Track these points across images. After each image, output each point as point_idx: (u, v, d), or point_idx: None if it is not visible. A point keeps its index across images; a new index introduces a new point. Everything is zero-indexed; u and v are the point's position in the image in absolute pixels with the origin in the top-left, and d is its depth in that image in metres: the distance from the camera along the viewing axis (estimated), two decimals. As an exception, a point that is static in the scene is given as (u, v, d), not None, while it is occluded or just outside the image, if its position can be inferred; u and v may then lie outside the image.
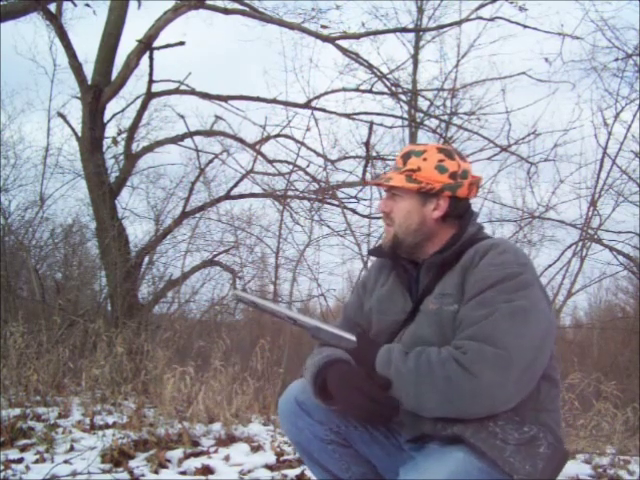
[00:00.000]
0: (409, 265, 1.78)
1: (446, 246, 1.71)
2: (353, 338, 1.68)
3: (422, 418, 1.56)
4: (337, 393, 1.60)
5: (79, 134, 7.68)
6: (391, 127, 8.57)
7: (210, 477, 3.01)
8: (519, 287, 1.55)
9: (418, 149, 1.76)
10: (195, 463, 3.15)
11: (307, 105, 7.87)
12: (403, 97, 8.54)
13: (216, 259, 8.62)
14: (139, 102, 7.95)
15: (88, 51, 9.75)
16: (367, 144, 7.70)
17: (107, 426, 3.96)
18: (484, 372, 1.45)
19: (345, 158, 8.48)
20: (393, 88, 8.29)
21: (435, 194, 1.71)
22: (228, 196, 8.21)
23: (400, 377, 1.53)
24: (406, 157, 1.74)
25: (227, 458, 3.28)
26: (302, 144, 7.90)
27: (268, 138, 8.03)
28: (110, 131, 7.94)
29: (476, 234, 1.72)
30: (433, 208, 1.72)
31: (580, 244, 7.15)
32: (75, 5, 7.64)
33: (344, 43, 7.92)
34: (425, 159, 1.72)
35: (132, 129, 8.03)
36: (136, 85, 9.87)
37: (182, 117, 7.74)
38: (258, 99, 7.84)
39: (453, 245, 1.69)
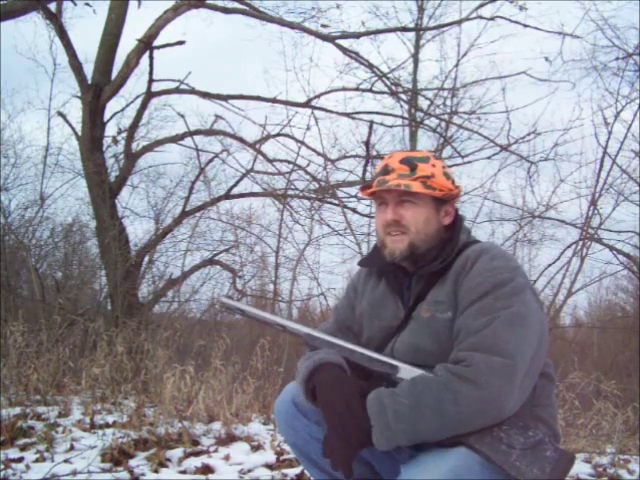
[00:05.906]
0: (399, 272, 1.76)
1: (439, 254, 1.69)
2: (347, 345, 1.66)
3: None
4: (320, 395, 1.58)
5: (79, 133, 7.67)
6: (391, 126, 8.59)
7: (210, 476, 3.01)
8: (514, 292, 1.55)
9: (419, 155, 1.73)
10: (195, 462, 3.15)
11: (307, 104, 7.86)
12: (403, 96, 8.53)
13: (216, 258, 8.60)
14: (139, 101, 7.93)
15: (88, 50, 9.68)
16: (367, 143, 7.71)
17: (107, 425, 3.96)
18: (492, 382, 1.44)
19: (345, 157, 8.48)
20: (393, 87, 8.28)
21: (446, 200, 1.72)
22: (228, 195, 8.19)
23: (402, 419, 1.46)
24: (409, 163, 1.70)
25: (227, 457, 3.28)
26: (302, 143, 7.90)
27: (268, 137, 8.01)
28: (110, 130, 7.93)
29: (466, 239, 1.72)
30: (444, 214, 1.73)
31: (580, 243, 7.16)
32: (75, 4, 7.63)
33: (344, 42, 7.91)
34: (433, 165, 1.71)
35: (132, 128, 8.01)
36: (136, 84, 9.79)
37: (182, 116, 7.74)
38: (258, 98, 7.83)
39: (448, 254, 1.67)
